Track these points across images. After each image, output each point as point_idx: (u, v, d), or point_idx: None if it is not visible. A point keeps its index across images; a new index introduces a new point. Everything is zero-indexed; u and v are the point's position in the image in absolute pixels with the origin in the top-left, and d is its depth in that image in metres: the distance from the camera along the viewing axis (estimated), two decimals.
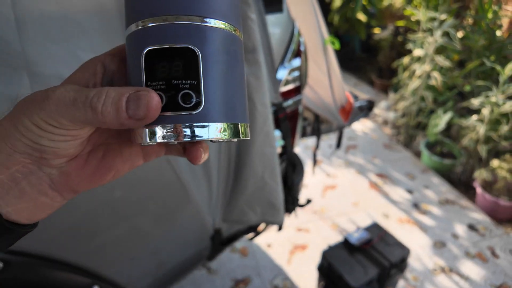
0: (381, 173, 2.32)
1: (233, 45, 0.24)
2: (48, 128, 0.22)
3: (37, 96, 0.23)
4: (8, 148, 0.23)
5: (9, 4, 0.48)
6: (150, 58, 0.22)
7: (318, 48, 1.02)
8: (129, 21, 0.24)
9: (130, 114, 0.21)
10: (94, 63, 0.26)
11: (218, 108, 0.23)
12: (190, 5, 0.22)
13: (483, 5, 2.65)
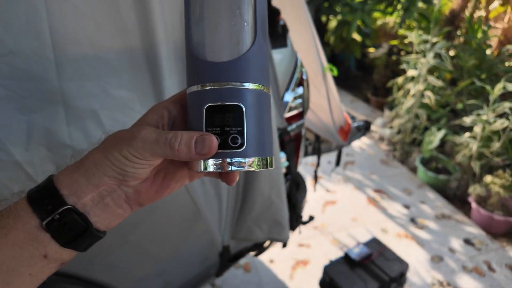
0: (378, 188, 2.38)
1: (265, 99, 0.33)
2: (133, 159, 0.30)
3: (125, 135, 0.31)
4: (100, 173, 0.31)
5: (50, 47, 0.55)
6: (209, 111, 0.31)
7: (318, 74, 1.09)
8: (191, 83, 0.33)
9: (197, 151, 0.30)
10: (161, 108, 0.34)
11: (255, 147, 0.31)
12: (235, 74, 0.31)
13: (472, 25, 2.78)
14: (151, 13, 0.58)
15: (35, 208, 0.30)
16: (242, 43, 0.31)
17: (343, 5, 3.13)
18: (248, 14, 0.31)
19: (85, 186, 0.31)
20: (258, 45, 0.31)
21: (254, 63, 0.31)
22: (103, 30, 0.57)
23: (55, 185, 0.31)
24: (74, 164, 0.32)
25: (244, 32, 0.31)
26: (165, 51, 0.62)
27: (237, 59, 0.30)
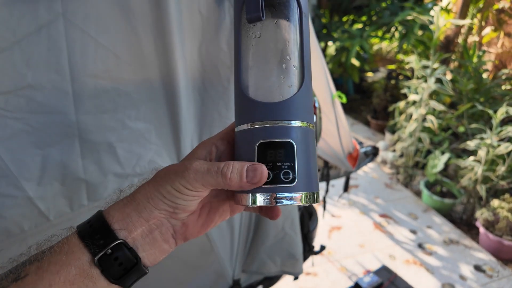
0: (384, 213, 2.35)
1: (311, 135, 0.34)
2: (185, 191, 0.31)
3: (177, 168, 0.31)
4: (151, 206, 0.31)
5: (68, 80, 0.54)
6: (261, 147, 0.32)
7: (328, 101, 1.09)
8: (241, 121, 0.34)
9: (248, 180, 0.31)
10: (210, 145, 0.35)
11: (304, 181, 0.32)
12: (286, 114, 0.32)
13: (467, 51, 2.85)
14: (171, 45, 0.58)
15: (87, 243, 0.30)
16: (292, 86, 0.33)
17: (342, 32, 3.20)
18: (296, 59, 0.33)
19: (136, 220, 0.31)
20: (306, 87, 0.33)
21: (302, 103, 0.33)
22: (122, 63, 0.56)
23: (106, 219, 0.31)
24: (125, 199, 0.32)
25: (294, 76, 0.33)
26: (183, 83, 0.62)
27: (287, 101, 0.32)
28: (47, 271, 0.29)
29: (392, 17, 2.85)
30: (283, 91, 0.32)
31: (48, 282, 0.28)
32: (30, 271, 0.29)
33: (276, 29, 0.33)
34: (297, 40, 0.34)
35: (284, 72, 0.33)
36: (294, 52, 0.33)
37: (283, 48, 0.33)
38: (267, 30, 0.33)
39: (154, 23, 0.57)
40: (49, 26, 0.51)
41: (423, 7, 2.86)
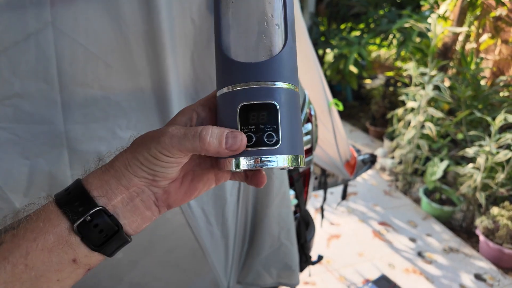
0: (383, 221, 2.32)
1: (295, 97, 0.33)
2: (162, 158, 0.30)
3: (153, 134, 0.30)
4: (130, 174, 0.30)
5: (57, 89, 0.53)
6: (243, 110, 0.31)
7: (324, 109, 1.08)
8: (222, 84, 0.33)
9: (228, 146, 0.30)
10: (190, 111, 0.34)
11: (288, 144, 0.31)
12: (268, 74, 0.31)
13: (465, 58, 2.86)
14: (163, 53, 0.57)
15: (65, 211, 0.29)
16: (275, 45, 0.32)
17: (340, 39, 3.22)
18: (279, 18, 0.32)
19: (115, 188, 0.30)
20: (289, 46, 0.32)
21: (286, 64, 0.32)
22: (113, 72, 0.55)
23: (84, 187, 0.30)
24: (103, 166, 0.31)
25: (277, 35, 0.32)
26: (175, 91, 0.61)
27: (270, 60, 0.31)
28: (23, 238, 0.28)
29: (390, 25, 2.86)
30: (265, 50, 0.31)
31: (25, 249, 0.28)
32: (6, 239, 0.28)
33: None
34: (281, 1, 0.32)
35: (266, 31, 0.31)
36: (276, 10, 0.32)
37: (264, 6, 0.32)
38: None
39: (145, 31, 0.56)
40: (38, 35, 0.50)
41: (421, 15, 2.88)
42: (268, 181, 0.79)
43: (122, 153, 0.31)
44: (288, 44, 0.32)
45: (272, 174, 0.78)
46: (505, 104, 2.52)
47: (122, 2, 0.54)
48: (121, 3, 0.54)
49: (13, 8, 0.49)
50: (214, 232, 0.77)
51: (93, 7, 0.53)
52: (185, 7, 0.57)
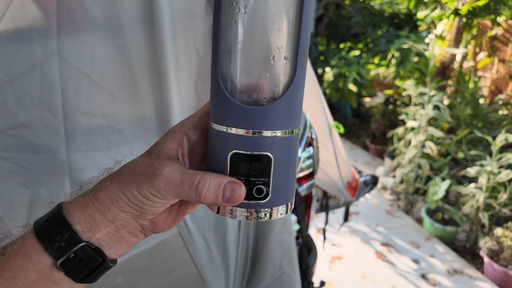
0: (385, 241, 2.29)
1: (295, 142, 0.30)
2: (153, 199, 0.28)
3: (144, 170, 0.28)
4: (115, 209, 0.28)
5: (61, 118, 0.53)
6: (234, 157, 0.28)
7: (325, 132, 1.09)
8: (215, 118, 0.29)
9: (225, 200, 0.28)
10: (181, 134, 0.32)
11: (279, 196, 0.29)
12: (267, 122, 0.27)
13: (463, 76, 2.89)
14: (167, 82, 0.57)
15: (46, 246, 0.27)
16: (279, 85, 0.27)
17: (339, 59, 3.26)
18: (289, 49, 0.26)
19: (100, 222, 0.29)
20: (296, 84, 0.27)
21: (289, 107, 0.28)
22: (117, 100, 0.56)
23: (66, 219, 0.28)
24: (87, 196, 0.29)
25: (283, 72, 0.27)
26: (178, 118, 0.61)
27: (272, 105, 0.27)
28: (1, 277, 0.27)
29: (388, 45, 2.91)
30: (267, 92, 0.27)
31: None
32: None
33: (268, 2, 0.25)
34: (294, 22, 0.26)
35: (271, 67, 0.26)
36: (288, 39, 0.26)
37: (274, 33, 0.25)
38: (257, 4, 0.25)
39: (150, 60, 0.57)
40: (43, 65, 0.51)
41: (418, 35, 2.93)
42: None
43: (107, 184, 0.29)
44: (295, 81, 0.27)
45: None
46: (505, 122, 2.53)
47: (127, 32, 0.55)
48: (126, 33, 0.55)
49: (20, 39, 0.49)
50: (215, 260, 0.75)
51: (99, 37, 0.54)
52: (190, 37, 0.58)
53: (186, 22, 0.58)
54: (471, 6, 2.95)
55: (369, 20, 3.34)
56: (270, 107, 0.27)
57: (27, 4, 0.49)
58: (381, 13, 3.58)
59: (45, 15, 0.50)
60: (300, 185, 0.88)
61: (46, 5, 0.50)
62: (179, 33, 0.57)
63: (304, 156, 0.86)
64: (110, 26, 0.54)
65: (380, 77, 4.86)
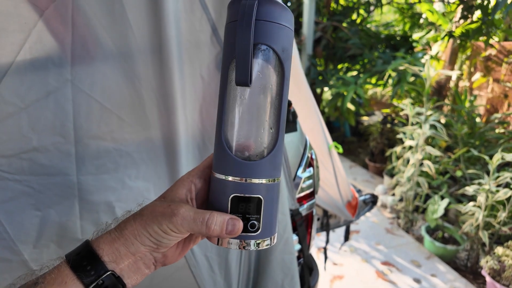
0: (386, 260, 2.27)
1: (277, 188, 0.38)
2: (171, 233, 0.35)
3: (163, 210, 0.35)
4: (138, 243, 0.35)
5: (72, 142, 0.56)
6: (234, 199, 0.36)
7: (325, 152, 1.11)
8: (217, 169, 0.37)
9: (227, 232, 0.35)
10: (189, 183, 0.39)
11: (267, 229, 0.37)
12: (258, 172, 0.36)
13: (459, 96, 2.95)
14: (173, 107, 0.60)
15: (80, 275, 0.32)
16: (267, 147, 0.36)
17: (337, 79, 3.33)
18: (274, 122, 0.36)
19: (124, 254, 0.34)
20: (279, 146, 0.37)
21: (274, 162, 0.37)
22: (126, 125, 0.58)
23: (96, 252, 0.34)
24: (113, 233, 0.35)
25: (270, 137, 0.36)
26: (183, 141, 0.63)
27: (262, 161, 0.36)
28: None
29: (385, 66, 2.98)
30: (258, 151, 0.36)
31: None
32: None
33: (260, 95, 0.35)
34: (277, 104, 0.36)
35: (262, 134, 0.36)
36: (273, 116, 0.36)
37: (264, 112, 0.36)
38: (252, 94, 0.35)
39: (158, 87, 0.60)
40: (57, 92, 0.54)
41: (414, 57, 3.00)
42: None
43: (131, 222, 0.35)
44: (277, 145, 0.36)
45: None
46: (502, 140, 2.57)
47: (137, 61, 0.58)
48: (136, 62, 0.58)
49: (36, 69, 0.52)
50: (217, 280, 0.76)
51: (110, 66, 0.57)
52: (196, 65, 0.61)
53: (193, 52, 0.61)
54: (464, 29, 3.04)
55: (366, 42, 3.44)
56: (261, 162, 0.36)
57: (44, 36, 0.52)
58: (377, 35, 3.69)
59: (61, 46, 0.53)
60: (301, 204, 0.90)
61: (62, 36, 0.53)
62: (185, 62, 0.60)
63: (304, 176, 0.88)
64: (121, 56, 0.57)
65: (378, 96, 4.94)
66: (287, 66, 0.35)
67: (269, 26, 0.34)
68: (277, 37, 0.34)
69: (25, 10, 0.50)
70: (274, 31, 0.34)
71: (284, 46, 0.35)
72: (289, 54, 0.36)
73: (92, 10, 0.54)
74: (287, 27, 0.35)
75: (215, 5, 0.62)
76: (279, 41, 0.34)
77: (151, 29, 0.58)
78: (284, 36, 0.35)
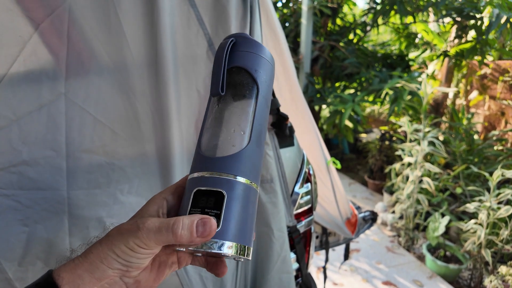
0: (388, 280, 2.22)
1: (250, 192, 0.36)
2: (139, 250, 0.31)
3: (128, 227, 0.32)
4: (104, 266, 0.31)
5: (64, 156, 0.54)
6: (196, 194, 0.35)
7: (323, 168, 1.10)
8: (190, 171, 0.37)
9: (199, 235, 0.31)
10: (161, 200, 0.37)
11: (233, 232, 0.34)
12: (220, 166, 0.35)
13: (457, 113, 2.96)
14: (168, 121, 0.59)
15: None
16: (236, 146, 0.37)
17: (334, 97, 3.36)
18: (246, 128, 0.38)
19: (88, 281, 0.31)
20: (250, 148, 0.37)
21: (244, 161, 0.36)
22: (119, 138, 0.57)
23: (56, 281, 0.30)
24: (77, 259, 0.32)
25: (240, 139, 0.37)
26: (178, 156, 0.62)
27: (228, 156, 0.36)
28: None
29: (381, 84, 3.01)
30: (225, 148, 0.37)
31: None
32: None
33: (232, 102, 0.39)
34: (250, 112, 0.38)
35: (231, 135, 0.37)
36: (244, 122, 0.38)
37: (235, 119, 0.38)
38: (225, 102, 0.39)
39: (153, 101, 0.59)
40: (50, 105, 0.53)
41: (410, 76, 3.04)
42: (268, 244, 0.77)
43: (97, 245, 0.32)
44: (249, 145, 0.37)
45: (272, 236, 0.77)
46: (500, 157, 2.56)
47: (132, 74, 0.58)
48: (131, 75, 0.58)
49: (30, 81, 0.52)
50: None
51: (105, 79, 0.57)
52: (192, 79, 0.61)
53: (189, 66, 0.61)
54: (459, 48, 3.10)
55: (362, 61, 3.49)
56: (227, 158, 0.36)
57: (39, 49, 0.52)
58: (374, 54, 3.75)
59: (55, 59, 0.53)
60: (299, 221, 0.88)
61: (57, 49, 0.53)
62: (181, 76, 0.60)
63: (302, 192, 0.87)
64: (116, 69, 0.57)
65: (376, 113, 4.97)
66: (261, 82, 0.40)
67: (243, 53, 0.40)
68: (249, 61, 0.40)
69: (20, 23, 0.50)
70: (247, 57, 0.40)
71: (256, 68, 0.40)
72: (261, 74, 0.40)
73: (88, 24, 0.54)
74: (260, 55, 0.41)
75: (211, 20, 0.62)
76: (251, 63, 0.40)
77: (147, 42, 0.58)
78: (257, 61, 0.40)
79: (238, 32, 0.43)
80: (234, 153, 0.36)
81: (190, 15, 0.60)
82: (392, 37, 4.26)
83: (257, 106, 0.39)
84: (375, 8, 3.45)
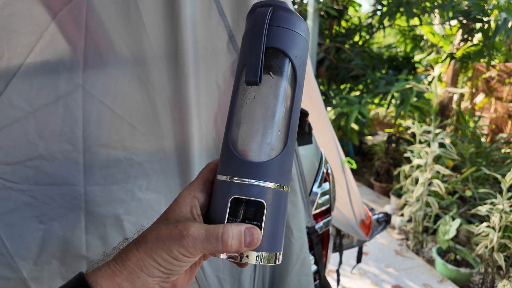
0: (397, 284, 2.18)
1: (284, 197, 0.35)
2: (183, 259, 0.30)
3: (171, 233, 0.30)
4: (145, 275, 0.30)
5: (81, 150, 0.52)
6: (233, 202, 0.32)
7: (338, 168, 1.07)
8: (221, 171, 0.34)
9: (246, 245, 0.31)
10: (192, 199, 0.34)
11: (268, 242, 0.32)
12: (262, 174, 0.32)
13: (463, 116, 2.94)
14: (188, 116, 0.57)
15: None
16: (274, 149, 0.33)
17: (340, 99, 3.34)
18: (283, 125, 0.34)
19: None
20: (286, 151, 0.34)
21: (281, 167, 0.34)
22: (137, 133, 0.55)
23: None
24: (113, 266, 0.30)
25: (278, 140, 0.34)
26: (197, 152, 0.60)
27: (267, 162, 0.33)
28: None
29: (387, 87, 2.99)
30: (264, 152, 0.33)
31: None
32: None
33: (269, 95, 0.34)
34: (287, 107, 0.34)
35: (269, 135, 0.33)
36: (282, 118, 0.34)
37: (272, 114, 0.34)
38: (261, 94, 0.34)
39: (172, 94, 0.57)
40: (67, 97, 0.51)
41: (417, 78, 3.02)
42: (287, 245, 0.75)
43: (134, 252, 0.30)
44: (286, 149, 0.34)
45: (292, 237, 0.74)
46: (509, 160, 2.53)
47: (152, 67, 0.56)
48: (150, 68, 0.56)
49: (47, 72, 0.50)
50: None
51: (123, 71, 0.55)
52: (211, 73, 0.59)
53: (209, 59, 0.59)
54: (465, 51, 3.07)
55: (368, 63, 3.47)
56: (266, 163, 0.33)
57: (56, 38, 0.50)
58: (379, 56, 3.73)
59: (73, 49, 0.51)
60: (316, 222, 0.85)
61: (75, 40, 0.51)
62: (201, 69, 0.58)
63: (319, 192, 0.84)
64: (135, 61, 0.55)
65: (380, 116, 4.95)
66: (299, 72, 0.35)
67: (283, 31, 0.34)
68: (290, 43, 0.34)
69: (38, 12, 0.48)
70: (287, 36, 0.34)
71: (297, 52, 0.35)
72: (303, 61, 0.36)
73: (107, 14, 0.52)
74: (301, 34, 0.35)
75: (233, 12, 0.60)
76: (292, 46, 0.34)
77: (167, 34, 0.56)
78: (297, 43, 0.35)
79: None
80: (273, 158, 0.33)
81: (211, 6, 0.58)
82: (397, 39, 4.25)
83: (294, 101, 0.35)
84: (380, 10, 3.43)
